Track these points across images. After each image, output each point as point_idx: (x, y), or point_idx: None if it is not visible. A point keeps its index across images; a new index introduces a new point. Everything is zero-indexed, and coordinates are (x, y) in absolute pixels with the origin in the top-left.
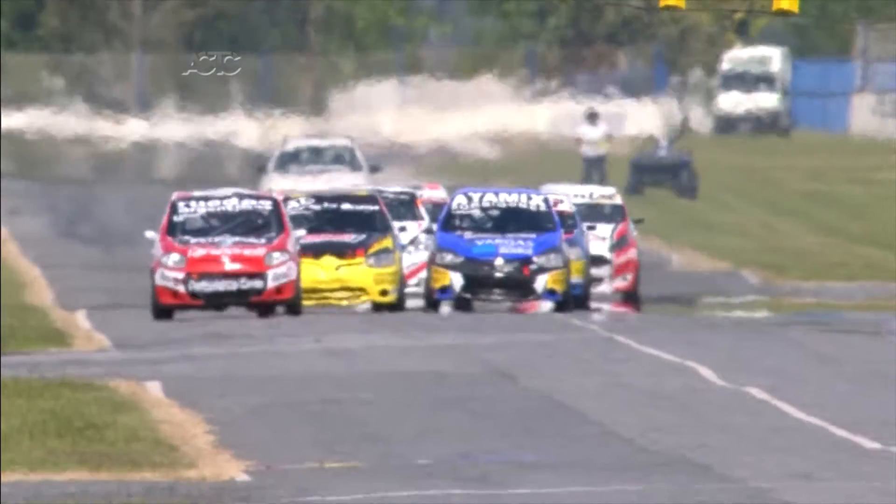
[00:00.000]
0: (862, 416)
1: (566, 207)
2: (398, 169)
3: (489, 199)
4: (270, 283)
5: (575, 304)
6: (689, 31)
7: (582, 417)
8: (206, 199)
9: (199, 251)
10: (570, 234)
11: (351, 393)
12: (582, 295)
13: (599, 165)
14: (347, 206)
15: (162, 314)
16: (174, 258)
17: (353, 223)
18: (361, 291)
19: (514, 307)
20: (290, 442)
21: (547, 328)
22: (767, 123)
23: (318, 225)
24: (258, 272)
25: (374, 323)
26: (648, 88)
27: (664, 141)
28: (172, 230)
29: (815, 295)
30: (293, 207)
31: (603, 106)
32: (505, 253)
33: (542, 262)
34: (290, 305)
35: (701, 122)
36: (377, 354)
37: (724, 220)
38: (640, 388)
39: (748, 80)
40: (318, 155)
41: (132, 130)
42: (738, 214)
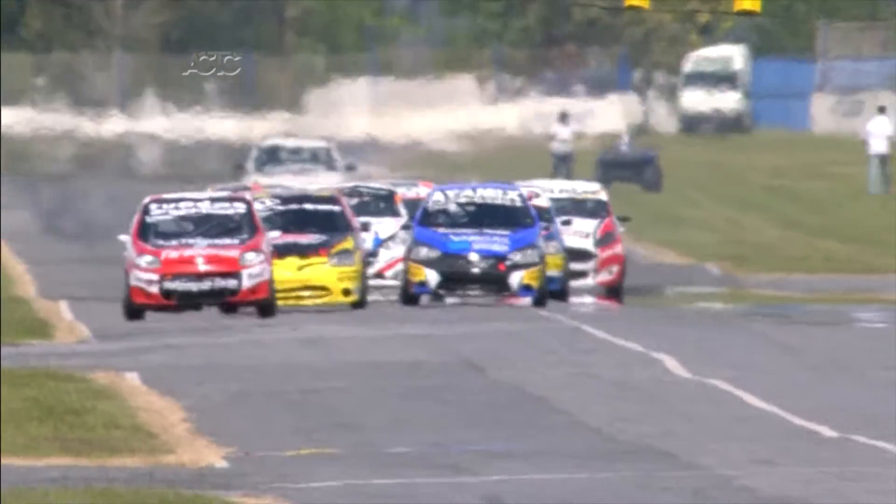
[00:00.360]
0: (820, 404)
1: (542, 202)
2: (374, 168)
3: (467, 194)
4: (245, 282)
5: (552, 298)
6: (652, 31)
7: (550, 407)
8: (178, 200)
9: (172, 253)
10: (546, 229)
11: (327, 382)
12: (560, 290)
13: (567, 162)
14: (310, 206)
15: (134, 314)
16: (147, 259)
17: (315, 223)
18: (324, 291)
19: (490, 303)
20: (267, 430)
21: (517, 317)
22: (730, 122)
23: (281, 225)
24: (232, 272)
25: (348, 314)
26: (613, 86)
27: (626, 136)
28: (144, 232)
29: (777, 287)
30: (258, 209)
31: (569, 104)
32: (479, 249)
33: (517, 258)
34: (264, 306)
35: (666, 120)
36: (352, 344)
37: (689, 214)
38: (607, 378)
39: (710, 79)
40: (296, 154)
41: (113, 128)
42: (702, 209)
